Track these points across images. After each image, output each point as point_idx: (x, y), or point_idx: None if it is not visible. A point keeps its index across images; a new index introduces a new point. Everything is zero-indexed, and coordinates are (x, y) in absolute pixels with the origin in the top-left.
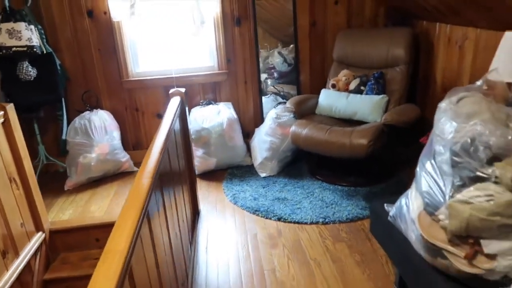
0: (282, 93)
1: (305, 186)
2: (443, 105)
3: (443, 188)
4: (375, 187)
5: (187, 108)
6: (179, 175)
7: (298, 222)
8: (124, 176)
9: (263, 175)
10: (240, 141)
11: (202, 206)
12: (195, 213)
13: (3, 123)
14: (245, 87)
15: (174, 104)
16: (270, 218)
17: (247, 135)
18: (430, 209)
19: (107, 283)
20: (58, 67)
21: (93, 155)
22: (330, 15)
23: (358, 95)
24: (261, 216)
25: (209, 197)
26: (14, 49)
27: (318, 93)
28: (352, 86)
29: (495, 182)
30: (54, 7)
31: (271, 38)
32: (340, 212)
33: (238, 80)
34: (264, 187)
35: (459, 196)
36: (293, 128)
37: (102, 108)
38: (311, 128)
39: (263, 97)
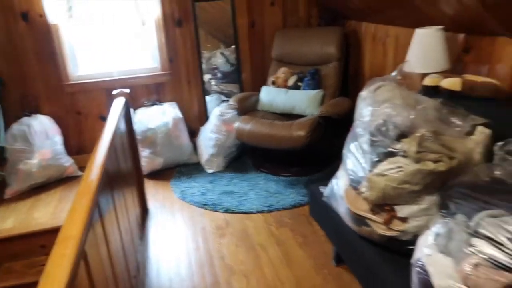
0: (225, 92)
1: (251, 178)
2: (363, 93)
3: (364, 165)
4: (315, 176)
5: (132, 109)
6: (127, 175)
7: (244, 212)
8: (69, 181)
9: (210, 171)
10: (186, 140)
11: (151, 204)
12: (145, 211)
13: None
14: (188, 87)
15: (118, 105)
16: (218, 211)
17: (193, 134)
18: (354, 184)
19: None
20: None
21: (34, 161)
22: (267, 16)
23: (296, 91)
24: (209, 210)
25: (157, 195)
26: None
27: (259, 90)
28: (290, 82)
29: (404, 156)
30: None
31: (213, 40)
32: (283, 200)
33: (181, 81)
34: (211, 182)
35: (376, 170)
36: (237, 124)
37: (42, 113)
38: (254, 124)
39: (207, 97)
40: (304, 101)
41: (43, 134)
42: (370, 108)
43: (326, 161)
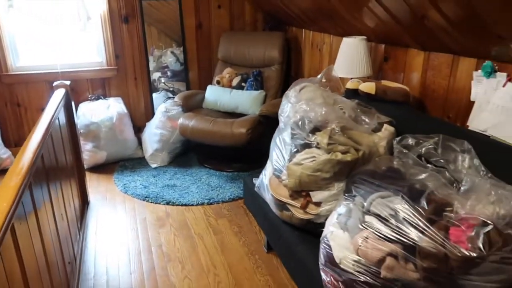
0: (172, 89)
1: (194, 173)
2: (288, 92)
3: (285, 155)
4: (255, 172)
5: (73, 103)
6: (66, 167)
7: (185, 205)
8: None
9: (154, 165)
10: (131, 135)
11: (92, 197)
12: (85, 203)
13: None
14: (135, 83)
15: (57, 95)
16: (159, 203)
17: (139, 130)
18: (277, 173)
19: None
20: None
21: None
22: (215, 18)
23: (240, 91)
24: (151, 202)
25: (99, 188)
26: None
27: (206, 89)
28: (235, 82)
29: (317, 147)
30: None
31: (166, 38)
32: (223, 193)
33: (128, 76)
34: (154, 177)
35: (294, 159)
36: (180, 120)
37: None
38: (197, 120)
39: (155, 94)
40: (247, 101)
41: None
42: (290, 105)
43: (267, 157)
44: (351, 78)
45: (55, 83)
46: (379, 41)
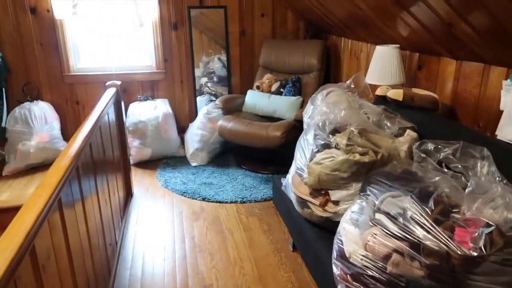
0: (215, 93)
1: (230, 173)
2: (315, 96)
3: (306, 155)
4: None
5: (123, 103)
6: (114, 160)
7: (219, 202)
8: None
9: (194, 164)
10: (174, 134)
11: (136, 189)
12: (129, 195)
13: None
14: (181, 86)
15: (108, 94)
16: (196, 199)
17: (182, 130)
18: (299, 171)
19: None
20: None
21: (32, 143)
22: (257, 26)
23: (278, 96)
24: (188, 197)
25: (143, 181)
26: None
27: (246, 94)
28: (274, 88)
29: (336, 148)
30: None
31: (215, 45)
32: (256, 194)
33: (174, 79)
34: (193, 174)
35: (314, 159)
36: (220, 122)
37: (42, 100)
38: (235, 122)
39: (199, 97)
40: (284, 106)
41: (42, 119)
42: (313, 107)
43: None
44: (382, 85)
45: (107, 83)
46: (413, 50)
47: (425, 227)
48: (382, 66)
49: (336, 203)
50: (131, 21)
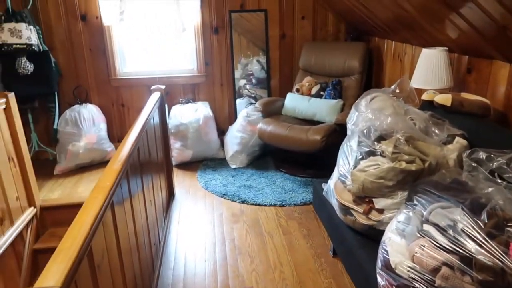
0: (254, 96)
1: (269, 176)
2: (359, 102)
3: (350, 162)
4: (328, 178)
5: (166, 105)
6: (157, 162)
7: (258, 204)
8: None
9: (233, 166)
10: (214, 137)
11: (177, 191)
12: (171, 195)
13: (4, 109)
14: (221, 89)
15: (153, 98)
16: (235, 201)
17: (222, 132)
18: (342, 178)
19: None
20: (53, 64)
21: (81, 144)
22: (298, 29)
23: (318, 99)
24: (228, 199)
25: (184, 183)
26: (14, 46)
27: (285, 97)
28: (314, 91)
29: (382, 155)
30: (51, 10)
31: (254, 48)
32: (295, 197)
33: (215, 82)
34: (233, 176)
35: (359, 166)
36: (259, 125)
37: (91, 102)
38: (275, 125)
39: (238, 99)
40: (325, 109)
41: (90, 121)
42: (357, 114)
43: None
44: (428, 90)
45: (152, 87)
46: (462, 52)
47: (478, 241)
48: (429, 69)
49: (381, 211)
50: (174, 26)
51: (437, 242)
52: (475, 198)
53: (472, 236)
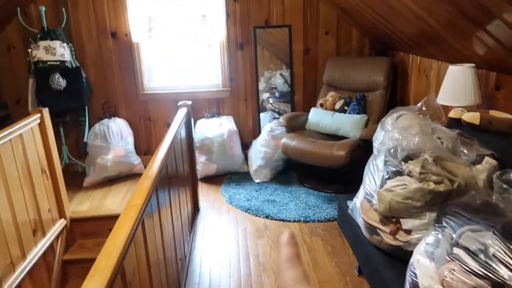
0: (278, 110)
1: (293, 191)
2: (385, 120)
3: (376, 181)
4: (352, 194)
5: (192, 120)
6: (183, 176)
7: (283, 220)
8: (136, 177)
9: (257, 180)
10: (238, 151)
11: (202, 204)
12: (196, 209)
13: (39, 124)
14: (245, 103)
15: (181, 114)
16: (259, 216)
17: (246, 146)
18: (368, 197)
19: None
20: (84, 80)
21: (109, 157)
22: (322, 44)
23: (342, 114)
24: (252, 214)
25: (209, 197)
26: (49, 63)
27: (309, 111)
28: (338, 106)
29: (409, 175)
30: (83, 28)
31: (277, 61)
32: (320, 213)
33: (239, 97)
34: (257, 191)
35: (385, 186)
36: (283, 140)
37: (119, 117)
38: (299, 140)
39: (262, 113)
40: (349, 124)
41: (118, 134)
42: (383, 133)
43: None
44: (456, 107)
45: (179, 103)
46: (490, 69)
47: (511, 267)
48: (456, 86)
49: (408, 232)
50: (200, 43)
51: (467, 267)
52: (508, 222)
53: (504, 262)
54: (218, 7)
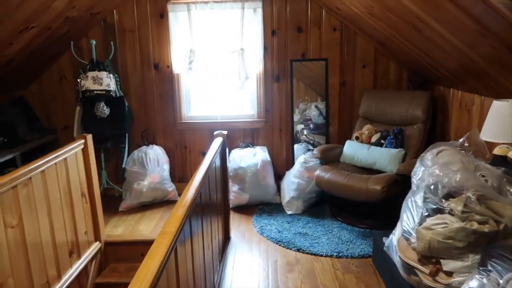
0: (312, 142)
1: (326, 225)
2: (424, 155)
3: (415, 218)
4: (388, 231)
5: (227, 149)
6: (216, 204)
7: (314, 254)
8: (170, 204)
9: (289, 212)
10: (271, 181)
11: (233, 234)
12: (227, 239)
13: (82, 149)
14: (279, 134)
15: (216, 143)
16: (291, 249)
17: (279, 177)
18: (406, 235)
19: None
20: (126, 108)
21: (145, 183)
22: (358, 77)
23: (378, 148)
24: (283, 246)
25: (240, 226)
26: (95, 92)
27: (344, 144)
28: (374, 139)
29: (451, 214)
30: (129, 60)
31: (312, 93)
32: (353, 249)
33: (274, 128)
34: (289, 223)
35: (424, 224)
36: (317, 172)
37: (156, 144)
38: (333, 173)
39: (296, 145)
40: (385, 158)
41: (155, 161)
42: (423, 168)
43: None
44: (501, 144)
45: (215, 132)
46: None
47: None
48: (501, 122)
49: (449, 274)
50: (238, 74)
51: None
52: None
53: None
54: (257, 41)
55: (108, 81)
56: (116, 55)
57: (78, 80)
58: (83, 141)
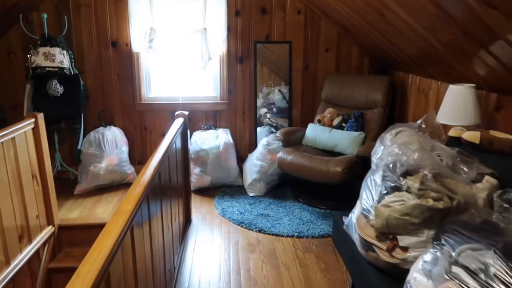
0: (275, 125)
1: (287, 206)
2: (384, 135)
3: (374, 196)
4: (348, 211)
5: (189, 131)
6: (177, 186)
7: (276, 234)
8: (128, 187)
9: (251, 194)
10: (234, 164)
11: (194, 216)
12: (188, 221)
13: (33, 128)
14: (242, 116)
15: (177, 123)
16: (252, 230)
17: (242, 160)
18: (365, 212)
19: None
20: (82, 87)
21: (102, 165)
22: (321, 61)
23: (340, 131)
24: (245, 228)
25: (201, 209)
26: (47, 69)
27: (306, 127)
28: (335, 122)
29: (407, 191)
30: (84, 36)
31: (276, 77)
32: (314, 229)
33: (237, 110)
34: (250, 205)
35: (383, 201)
36: (280, 154)
37: (115, 125)
38: (295, 155)
39: (259, 128)
40: (346, 141)
41: (113, 143)
42: (383, 148)
43: None
44: (455, 126)
45: (176, 113)
46: (490, 90)
47: None
48: (456, 106)
49: (405, 249)
50: (200, 55)
51: (467, 286)
52: (509, 242)
53: (506, 282)
54: (220, 21)
55: (61, 58)
56: (70, 31)
57: (28, 56)
58: (33, 120)
